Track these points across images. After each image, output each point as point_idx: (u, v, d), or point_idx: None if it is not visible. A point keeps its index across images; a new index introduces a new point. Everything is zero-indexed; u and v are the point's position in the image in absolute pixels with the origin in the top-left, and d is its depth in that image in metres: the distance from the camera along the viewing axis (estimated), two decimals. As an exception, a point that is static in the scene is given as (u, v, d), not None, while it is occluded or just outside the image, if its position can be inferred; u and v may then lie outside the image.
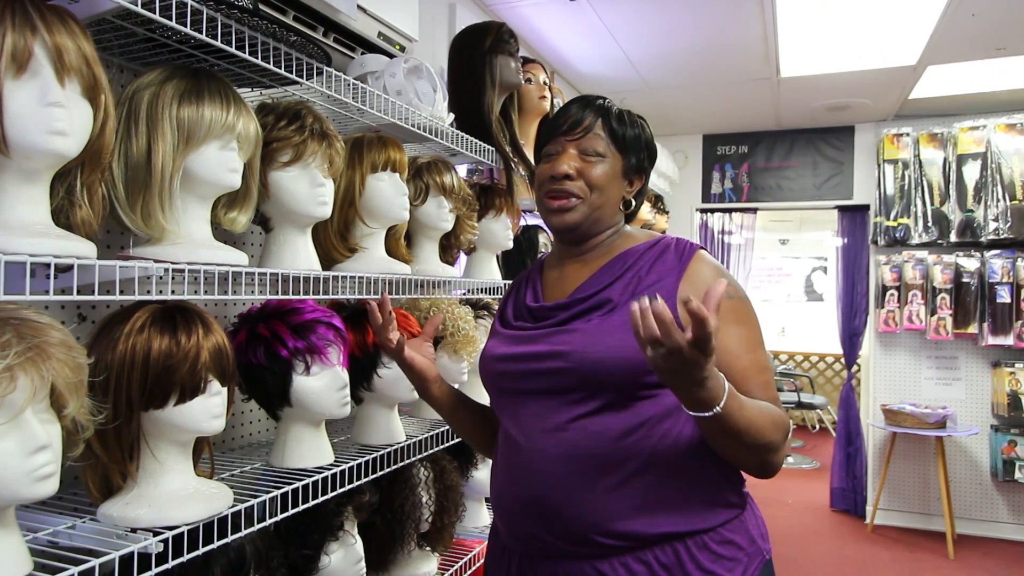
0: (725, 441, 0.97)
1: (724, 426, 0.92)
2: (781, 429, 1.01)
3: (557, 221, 1.16)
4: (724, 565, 1.04)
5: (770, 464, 1.02)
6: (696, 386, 0.87)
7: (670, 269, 1.11)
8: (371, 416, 1.52)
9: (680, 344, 0.81)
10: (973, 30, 3.02)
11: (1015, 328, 4.01)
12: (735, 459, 1.03)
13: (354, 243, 1.44)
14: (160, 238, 1.01)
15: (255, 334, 1.24)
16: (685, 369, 0.84)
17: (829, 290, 7.61)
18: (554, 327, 1.12)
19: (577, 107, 1.17)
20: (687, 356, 0.82)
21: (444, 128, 1.65)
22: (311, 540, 1.30)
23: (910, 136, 4.31)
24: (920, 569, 3.77)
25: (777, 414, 1.01)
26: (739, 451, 0.99)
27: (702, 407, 0.89)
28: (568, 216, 1.14)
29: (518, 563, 1.13)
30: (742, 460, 1.03)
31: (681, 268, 1.11)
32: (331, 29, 1.41)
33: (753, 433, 0.95)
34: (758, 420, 0.96)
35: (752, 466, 1.03)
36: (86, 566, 0.84)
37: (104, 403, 0.91)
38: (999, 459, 4.09)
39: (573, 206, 1.14)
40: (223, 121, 1.04)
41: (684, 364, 0.83)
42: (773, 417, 1.00)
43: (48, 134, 0.80)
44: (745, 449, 0.97)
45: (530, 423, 1.10)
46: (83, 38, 0.85)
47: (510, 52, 2.00)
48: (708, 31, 3.12)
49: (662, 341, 0.81)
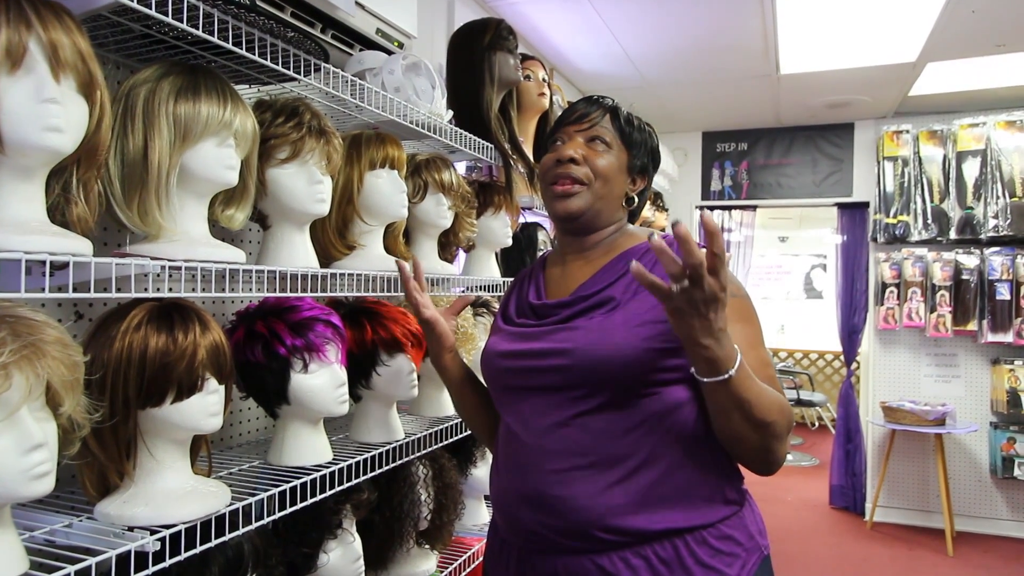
0: (732, 415, 0.96)
1: (734, 395, 0.93)
2: (786, 415, 1.01)
3: (561, 207, 1.16)
4: (723, 560, 1.05)
5: (773, 453, 1.01)
6: (712, 338, 0.88)
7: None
8: (369, 414, 1.52)
9: (701, 259, 0.82)
10: (973, 26, 3.02)
11: (1015, 325, 4.02)
12: (740, 441, 1.01)
13: (352, 241, 1.44)
14: (157, 235, 1.00)
15: (253, 332, 1.23)
16: (704, 307, 0.85)
17: (828, 287, 7.61)
18: (557, 324, 1.12)
19: (585, 103, 1.19)
20: (707, 283, 0.83)
21: (443, 125, 1.64)
22: (309, 538, 1.30)
23: (910, 133, 4.31)
24: (919, 566, 3.77)
25: (782, 398, 1.02)
26: (744, 428, 0.98)
27: (716, 369, 0.91)
28: (572, 202, 1.15)
29: (517, 558, 1.13)
30: (747, 444, 1.01)
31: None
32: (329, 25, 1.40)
33: (763, 407, 0.96)
34: (766, 396, 0.97)
35: (755, 453, 1.02)
36: (83, 565, 0.84)
37: (100, 401, 0.91)
38: (998, 456, 4.09)
39: (577, 192, 1.14)
40: (220, 118, 1.03)
41: (703, 296, 0.84)
42: (779, 401, 1.00)
43: (43, 131, 0.80)
44: (751, 427, 0.97)
45: (532, 419, 1.11)
46: (78, 34, 0.84)
47: (509, 49, 1.99)
48: (708, 28, 3.11)
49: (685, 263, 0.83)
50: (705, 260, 0.83)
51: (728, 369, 0.91)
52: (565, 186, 1.14)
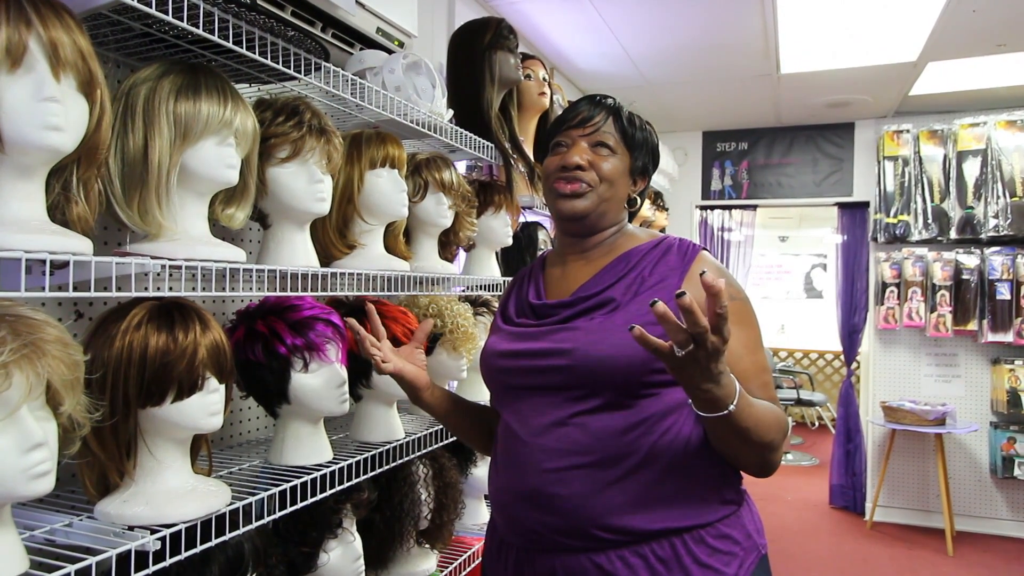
0: (731, 440, 0.99)
1: (734, 425, 0.93)
2: (782, 429, 1.04)
3: (568, 207, 1.16)
4: (720, 559, 1.05)
5: (769, 463, 1.05)
6: (712, 383, 0.88)
7: (673, 269, 1.12)
8: (370, 413, 1.52)
9: (705, 326, 0.81)
10: (974, 26, 3.02)
11: (1015, 325, 4.01)
12: (736, 458, 1.05)
13: (353, 240, 1.43)
14: (157, 234, 1.00)
15: (253, 331, 1.23)
16: (706, 361, 0.84)
17: (829, 287, 7.61)
18: (557, 325, 1.12)
19: (588, 104, 1.18)
20: (710, 343, 0.82)
21: (443, 124, 1.64)
22: (310, 538, 1.30)
23: (910, 133, 4.31)
24: (919, 566, 3.77)
25: (779, 414, 1.04)
26: (742, 449, 1.01)
27: (716, 406, 0.91)
28: (579, 202, 1.15)
29: (515, 557, 1.13)
30: (743, 459, 1.05)
31: (684, 268, 1.12)
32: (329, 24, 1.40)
33: (760, 431, 0.97)
34: (764, 419, 0.98)
35: (752, 465, 1.06)
36: (83, 564, 0.84)
37: (101, 400, 0.90)
38: (998, 456, 4.09)
39: (584, 192, 1.15)
40: (220, 116, 1.03)
41: (706, 354, 0.83)
42: (776, 417, 1.03)
43: (43, 129, 0.80)
44: (748, 447, 0.99)
45: (531, 418, 1.11)
46: (79, 33, 0.84)
47: (509, 48, 1.99)
48: (708, 27, 3.11)
49: (689, 331, 0.82)
50: (709, 324, 0.82)
51: (728, 405, 0.91)
52: (573, 185, 1.14)
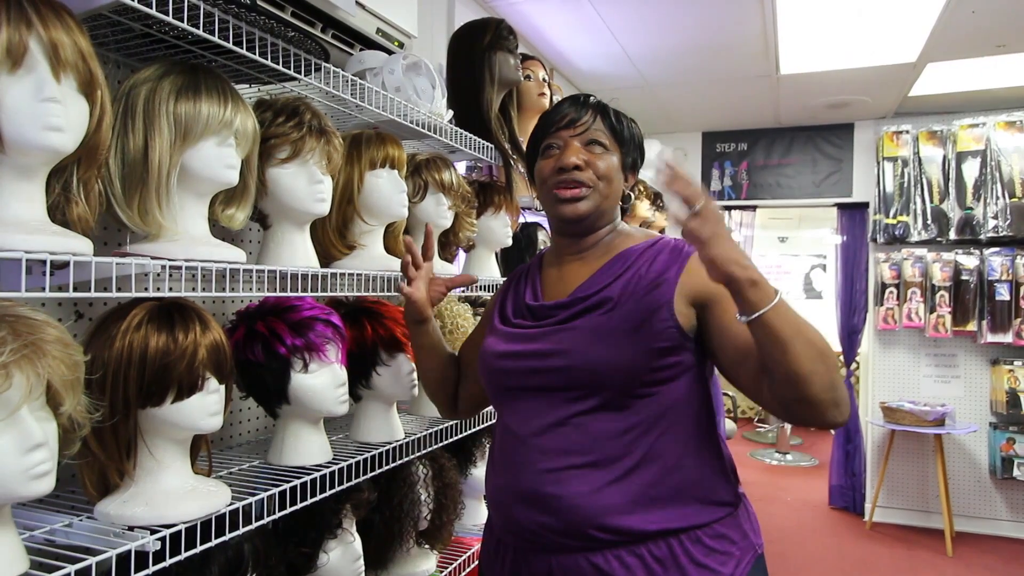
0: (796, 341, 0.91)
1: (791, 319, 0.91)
2: (832, 354, 0.95)
3: (570, 211, 1.16)
4: (716, 559, 1.05)
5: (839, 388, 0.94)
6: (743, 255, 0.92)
7: (670, 263, 1.11)
8: (369, 414, 1.52)
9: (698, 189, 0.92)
10: (973, 27, 3.02)
11: (1014, 326, 4.01)
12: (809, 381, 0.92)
13: (352, 240, 1.43)
14: (157, 235, 1.00)
15: (253, 331, 1.23)
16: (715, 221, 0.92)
17: (828, 288, 7.60)
18: (555, 325, 1.12)
19: (573, 105, 1.18)
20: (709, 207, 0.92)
21: (443, 125, 1.64)
22: (309, 538, 1.30)
23: (909, 133, 4.31)
24: (919, 566, 3.77)
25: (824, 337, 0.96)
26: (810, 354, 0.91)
27: (764, 291, 0.91)
28: (581, 205, 1.15)
29: (512, 556, 1.13)
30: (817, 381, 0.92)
31: (682, 261, 1.11)
32: (329, 25, 1.40)
33: (809, 334, 0.92)
34: (808, 326, 0.93)
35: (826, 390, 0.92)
36: (83, 564, 0.84)
37: (101, 401, 0.91)
38: (997, 456, 4.09)
39: (585, 195, 1.15)
40: (220, 117, 1.03)
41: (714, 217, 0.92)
42: (822, 336, 0.95)
43: (44, 130, 0.80)
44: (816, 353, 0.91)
45: (528, 418, 1.11)
46: (79, 33, 0.84)
47: (509, 49, 1.99)
48: (708, 28, 3.11)
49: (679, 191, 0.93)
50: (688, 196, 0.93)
51: (773, 298, 0.91)
52: (574, 190, 1.14)
